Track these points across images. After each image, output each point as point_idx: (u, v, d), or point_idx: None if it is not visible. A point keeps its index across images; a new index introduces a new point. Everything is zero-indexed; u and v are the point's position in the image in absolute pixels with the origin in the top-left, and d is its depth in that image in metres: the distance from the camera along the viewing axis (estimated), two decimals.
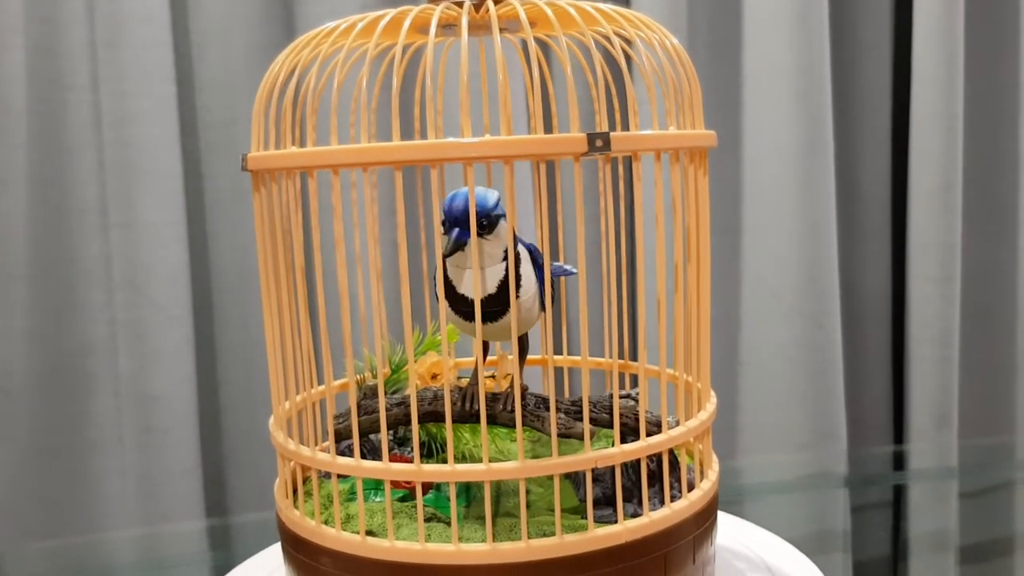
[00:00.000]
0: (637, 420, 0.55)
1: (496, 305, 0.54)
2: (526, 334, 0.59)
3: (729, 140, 1.22)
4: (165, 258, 1.11)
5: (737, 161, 1.23)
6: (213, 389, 1.20)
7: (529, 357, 0.73)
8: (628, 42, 0.57)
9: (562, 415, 0.56)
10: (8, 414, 1.11)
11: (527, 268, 0.55)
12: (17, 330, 1.10)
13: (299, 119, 0.56)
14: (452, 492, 0.51)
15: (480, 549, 0.51)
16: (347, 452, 0.63)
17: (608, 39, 0.56)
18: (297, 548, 0.57)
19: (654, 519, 0.54)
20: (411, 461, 0.52)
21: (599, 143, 0.48)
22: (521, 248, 0.55)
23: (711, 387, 0.62)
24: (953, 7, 1.21)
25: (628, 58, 0.57)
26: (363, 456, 0.53)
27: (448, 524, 0.54)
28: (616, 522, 0.53)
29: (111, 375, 1.13)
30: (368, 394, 0.62)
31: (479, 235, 0.52)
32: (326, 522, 0.55)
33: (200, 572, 0.97)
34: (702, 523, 0.57)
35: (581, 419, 0.56)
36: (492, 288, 0.53)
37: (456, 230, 0.52)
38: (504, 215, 0.54)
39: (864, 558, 1.00)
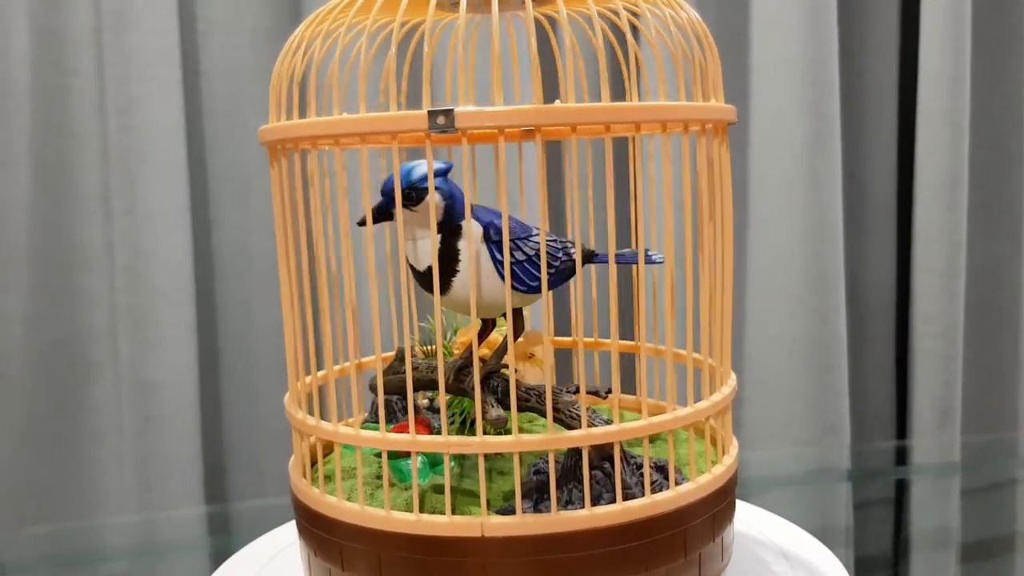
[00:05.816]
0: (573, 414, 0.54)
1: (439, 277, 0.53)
2: (519, 312, 0.57)
3: (736, 134, 1.22)
4: (168, 244, 1.10)
5: (744, 155, 1.23)
6: (214, 376, 1.19)
7: (560, 339, 0.73)
8: (636, 15, 0.56)
9: (493, 398, 0.55)
10: (6, 400, 1.10)
11: (466, 245, 0.53)
12: (17, 315, 1.09)
13: (320, 89, 0.56)
14: (481, 465, 0.51)
15: (507, 522, 0.50)
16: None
17: (630, 13, 0.55)
18: (316, 524, 0.56)
19: (643, 503, 0.53)
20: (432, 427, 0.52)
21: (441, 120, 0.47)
22: (476, 225, 0.54)
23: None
24: (960, 4, 1.21)
25: (638, 32, 0.56)
26: (391, 416, 0.52)
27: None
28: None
29: (112, 361, 1.12)
30: (401, 357, 0.62)
31: (404, 207, 0.52)
32: (348, 497, 0.55)
33: (200, 558, 0.96)
34: (717, 504, 0.57)
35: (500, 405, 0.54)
36: (428, 260, 0.53)
37: (382, 200, 0.52)
38: (438, 189, 0.53)
39: (866, 553, 1.00)
